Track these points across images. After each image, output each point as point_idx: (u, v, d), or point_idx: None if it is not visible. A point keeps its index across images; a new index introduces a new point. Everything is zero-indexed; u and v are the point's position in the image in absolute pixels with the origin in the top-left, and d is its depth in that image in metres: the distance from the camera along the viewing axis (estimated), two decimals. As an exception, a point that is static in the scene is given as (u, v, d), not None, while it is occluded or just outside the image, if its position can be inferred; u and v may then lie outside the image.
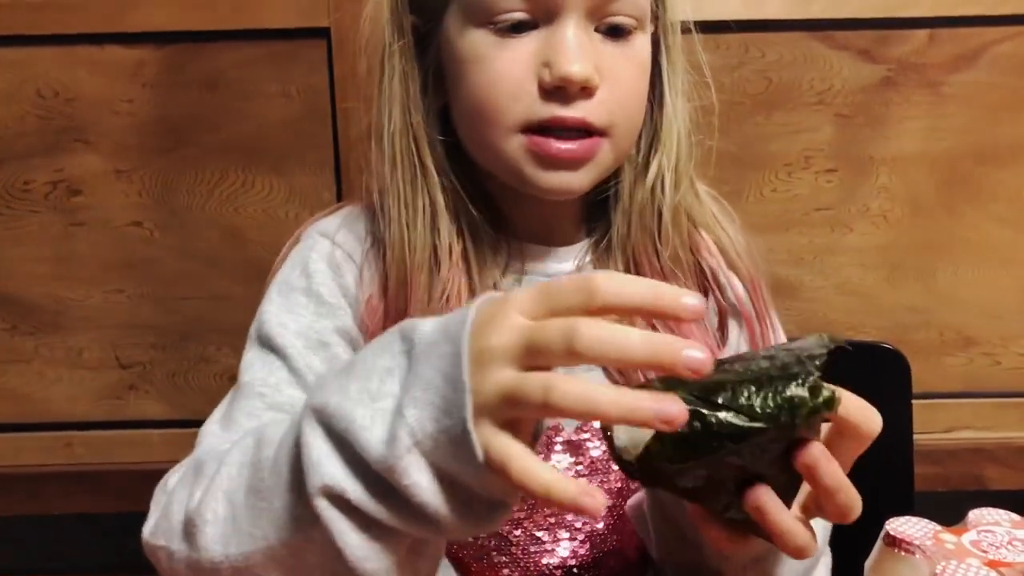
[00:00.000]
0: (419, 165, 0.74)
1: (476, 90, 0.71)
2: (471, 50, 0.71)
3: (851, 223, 1.37)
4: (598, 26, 0.70)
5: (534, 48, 0.69)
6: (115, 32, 1.28)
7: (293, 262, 0.80)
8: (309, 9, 1.27)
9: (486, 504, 0.49)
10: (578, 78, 0.68)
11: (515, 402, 0.46)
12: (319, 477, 0.51)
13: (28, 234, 1.35)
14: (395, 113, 0.74)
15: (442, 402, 0.48)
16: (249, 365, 0.74)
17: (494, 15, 0.69)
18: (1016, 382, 1.42)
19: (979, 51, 1.32)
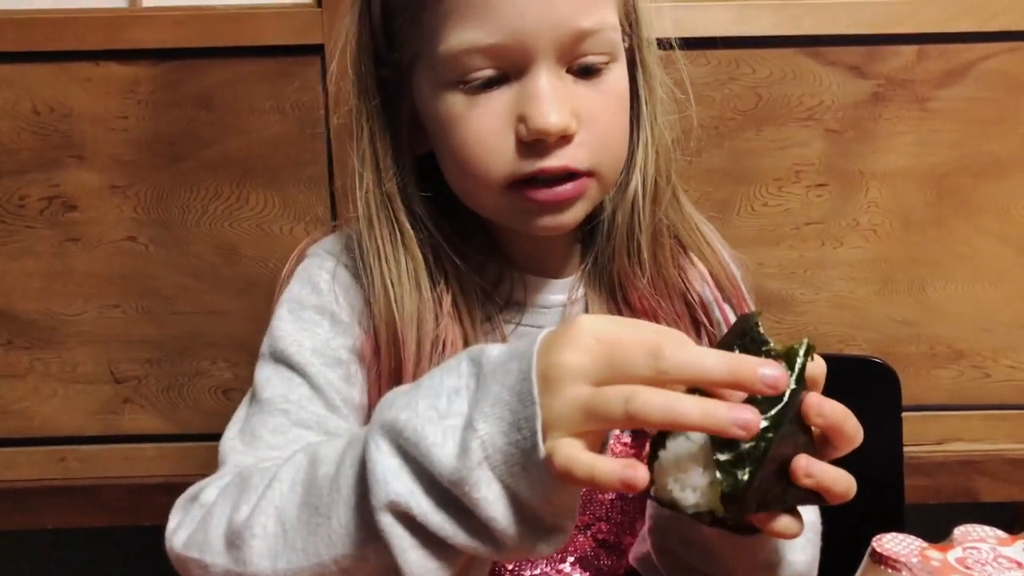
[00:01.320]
0: (396, 223, 0.74)
1: (456, 151, 0.70)
2: (445, 112, 0.70)
3: (842, 237, 1.38)
4: (570, 67, 0.69)
5: (508, 102, 0.68)
6: (111, 49, 1.28)
7: (301, 279, 0.79)
8: (303, 26, 1.28)
9: (547, 526, 0.52)
10: (555, 130, 0.66)
11: (594, 414, 0.48)
12: (386, 493, 0.52)
13: (23, 249, 1.36)
14: (367, 176, 0.74)
15: (511, 416, 0.50)
16: (267, 382, 0.73)
17: (463, 75, 0.68)
18: (1006, 394, 1.43)
19: (967, 67, 1.33)
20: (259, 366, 0.76)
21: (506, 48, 0.66)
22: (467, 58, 0.67)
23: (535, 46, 0.66)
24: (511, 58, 0.67)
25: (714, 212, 1.35)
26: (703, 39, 1.29)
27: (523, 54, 0.66)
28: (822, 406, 0.53)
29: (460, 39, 0.66)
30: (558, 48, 0.67)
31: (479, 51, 0.66)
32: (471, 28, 0.66)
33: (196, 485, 0.67)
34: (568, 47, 0.67)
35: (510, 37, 0.66)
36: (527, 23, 0.65)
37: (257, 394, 0.74)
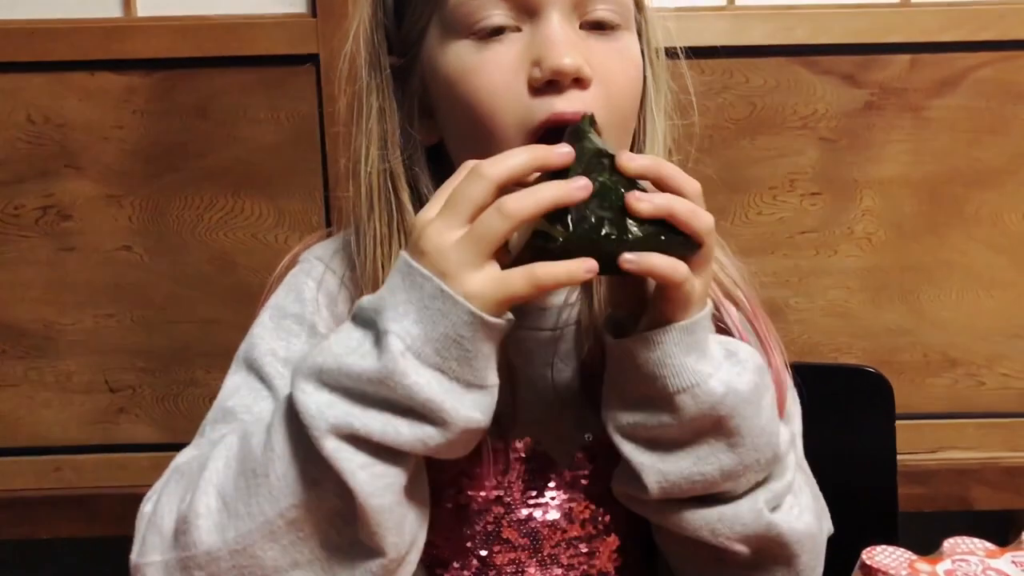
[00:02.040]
0: (396, 204, 0.72)
1: (467, 101, 0.68)
2: (456, 63, 0.69)
3: (836, 245, 1.39)
4: (582, 23, 0.68)
5: (520, 49, 0.67)
6: (106, 59, 1.29)
7: (288, 286, 0.78)
8: (298, 36, 1.28)
9: (476, 381, 0.58)
10: (570, 69, 0.65)
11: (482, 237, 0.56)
12: (324, 420, 0.57)
13: (18, 259, 1.36)
14: (372, 152, 0.72)
15: (417, 301, 0.57)
16: (235, 389, 0.73)
17: (474, 22, 0.67)
18: (1000, 403, 1.43)
19: (960, 76, 1.34)
20: (232, 370, 0.75)
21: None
22: (479, 4, 0.67)
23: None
24: (523, 4, 0.67)
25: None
26: (697, 48, 1.27)
27: (536, 1, 0.67)
28: (632, 159, 0.60)
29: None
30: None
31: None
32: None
33: (144, 499, 0.67)
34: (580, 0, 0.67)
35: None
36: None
37: (222, 400, 0.73)
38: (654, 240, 0.59)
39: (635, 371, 0.63)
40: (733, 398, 0.63)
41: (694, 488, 0.65)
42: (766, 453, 0.66)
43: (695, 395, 0.62)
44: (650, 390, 0.63)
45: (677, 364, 0.62)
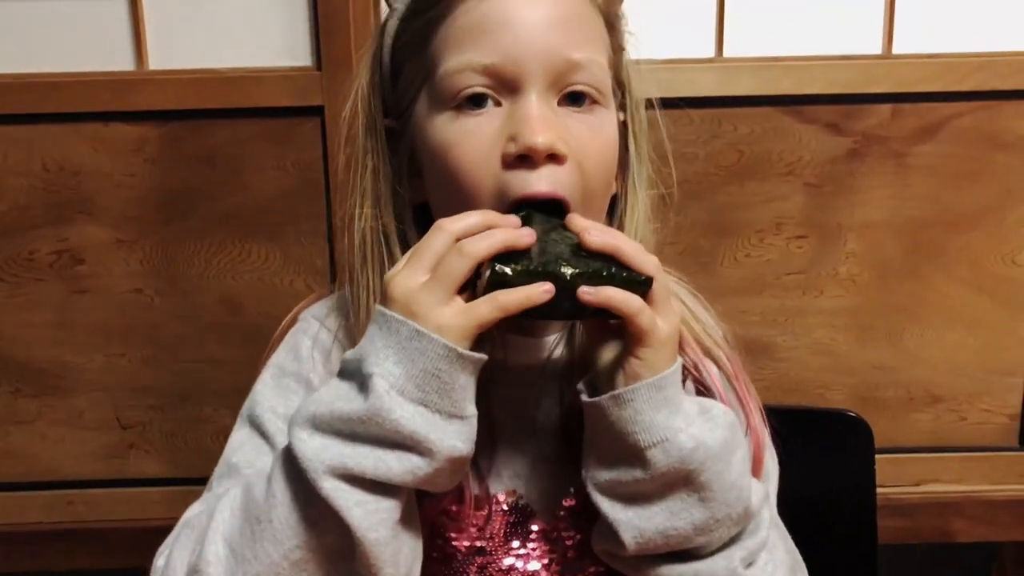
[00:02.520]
0: (387, 258, 0.77)
1: (448, 173, 0.73)
2: (439, 134, 0.73)
3: (821, 286, 1.44)
4: (560, 98, 0.72)
5: (499, 124, 0.71)
6: (120, 111, 1.34)
7: (287, 345, 0.83)
8: (304, 89, 1.33)
9: (456, 412, 0.64)
10: (542, 146, 0.69)
11: (447, 276, 0.64)
12: (320, 462, 0.63)
13: (33, 301, 1.41)
14: (366, 209, 0.78)
15: (395, 344, 0.63)
16: (239, 445, 0.78)
17: (457, 92, 0.72)
18: (981, 437, 1.48)
19: (940, 124, 1.39)
20: (236, 427, 0.81)
21: (500, 69, 0.71)
22: (463, 76, 0.71)
23: (527, 70, 0.71)
24: (503, 78, 0.71)
25: (699, 262, 1.42)
26: (687, 99, 1.34)
27: (516, 77, 0.71)
28: (592, 237, 0.67)
29: (458, 60, 0.72)
30: (549, 74, 0.71)
31: (474, 70, 0.71)
32: (469, 50, 0.71)
33: (156, 555, 0.72)
34: (559, 75, 0.72)
35: (505, 58, 0.71)
36: (521, 48, 0.71)
37: (227, 456, 0.79)
38: (607, 275, 0.67)
39: (608, 429, 0.68)
40: (703, 452, 0.67)
41: (669, 543, 0.69)
42: (737, 508, 0.69)
43: (665, 449, 0.66)
44: (623, 446, 0.67)
45: (647, 420, 0.66)
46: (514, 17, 0.71)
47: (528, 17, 0.71)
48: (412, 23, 0.76)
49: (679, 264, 1.37)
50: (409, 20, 0.76)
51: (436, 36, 0.73)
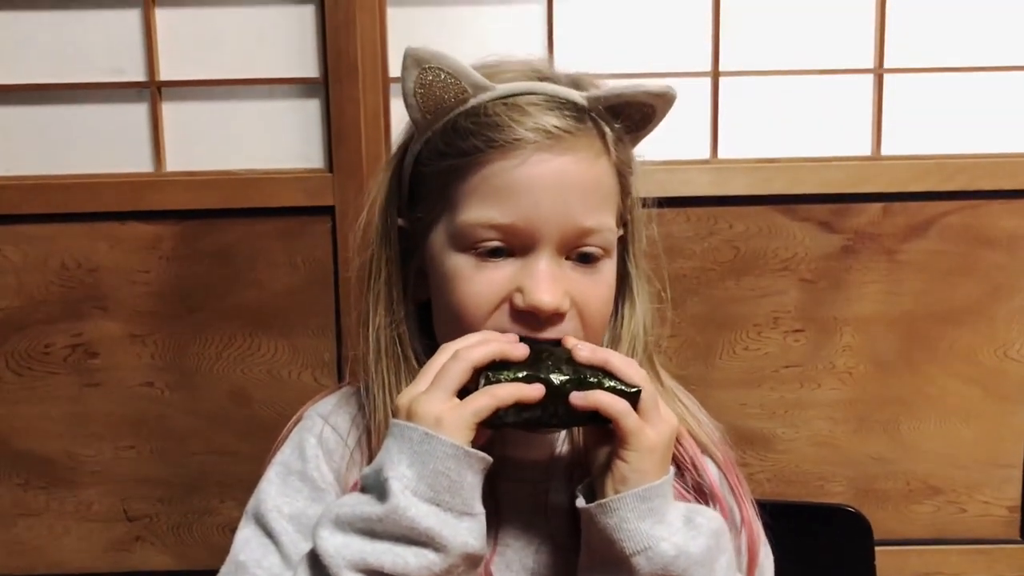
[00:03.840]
0: (402, 358, 0.82)
1: (455, 306, 0.77)
2: (452, 270, 0.78)
3: (819, 379, 1.47)
4: (569, 255, 0.77)
5: (509, 273, 0.76)
6: (136, 210, 1.39)
7: (292, 443, 0.86)
8: (316, 190, 1.39)
9: (466, 510, 0.68)
10: (548, 308, 0.74)
11: (447, 379, 0.70)
12: (342, 558, 0.67)
13: (46, 394, 1.44)
14: (380, 310, 0.82)
15: (408, 449, 0.68)
16: (245, 543, 0.80)
17: (475, 243, 0.76)
18: (981, 529, 1.49)
19: (929, 222, 1.44)
20: (242, 524, 0.83)
21: (517, 229, 0.75)
22: (482, 230, 0.76)
23: (542, 233, 0.75)
24: (520, 238, 0.76)
25: (698, 356, 1.45)
26: (684, 198, 1.40)
27: (530, 237, 0.75)
28: (582, 351, 0.73)
29: (479, 214, 0.76)
30: (561, 238, 0.76)
31: (493, 227, 0.75)
32: (491, 207, 0.75)
33: None
34: (570, 239, 0.76)
35: (523, 220, 0.75)
36: (539, 213, 0.75)
37: (235, 554, 0.81)
38: (596, 383, 0.72)
39: (598, 534, 0.72)
40: (685, 560, 0.71)
41: None
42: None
43: (649, 557, 0.70)
44: (611, 552, 0.71)
45: (632, 529, 0.71)
46: (535, 184, 0.75)
47: (549, 185, 0.75)
48: (438, 160, 0.79)
49: (679, 357, 1.43)
50: (435, 156, 0.79)
51: (461, 181, 0.77)
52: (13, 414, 1.44)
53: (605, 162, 0.79)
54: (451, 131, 0.78)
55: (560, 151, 0.75)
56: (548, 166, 0.75)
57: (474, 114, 0.77)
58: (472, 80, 0.77)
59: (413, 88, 0.77)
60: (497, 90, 0.77)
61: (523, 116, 0.75)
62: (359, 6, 1.36)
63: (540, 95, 0.77)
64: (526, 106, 0.76)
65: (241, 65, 1.40)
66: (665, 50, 1.43)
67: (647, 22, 1.42)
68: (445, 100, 0.77)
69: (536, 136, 0.75)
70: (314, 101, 1.41)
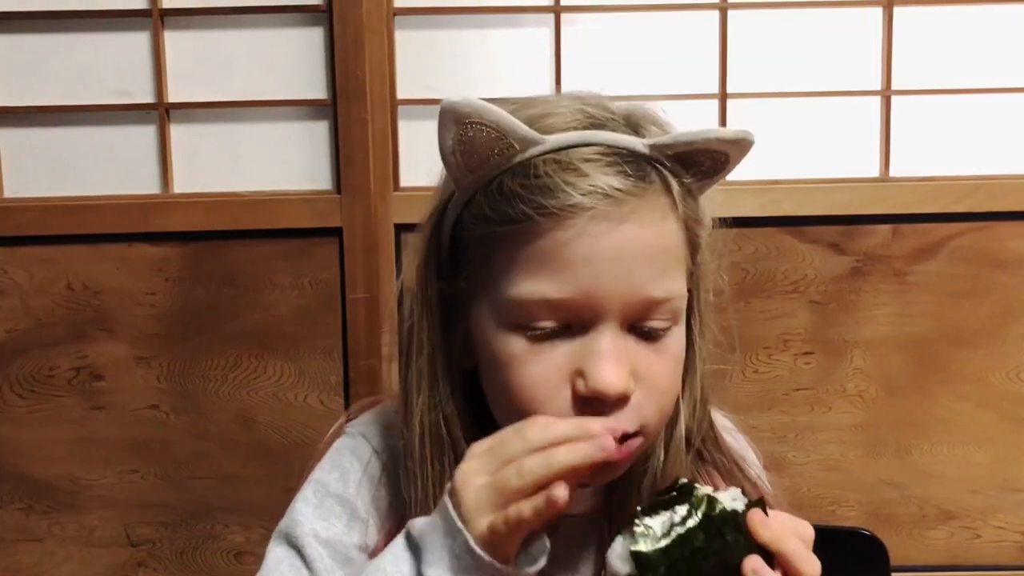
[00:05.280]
0: (449, 443, 0.74)
1: (512, 392, 0.69)
2: (505, 352, 0.69)
3: (830, 402, 1.45)
4: (632, 327, 0.68)
5: (568, 354, 0.67)
6: (143, 232, 1.39)
7: (332, 461, 0.80)
8: (323, 211, 1.38)
9: None
10: (615, 392, 0.65)
11: (502, 490, 0.61)
12: None
13: (50, 417, 1.42)
14: (423, 392, 0.74)
15: (449, 552, 0.63)
16: (277, 564, 0.76)
17: (528, 322, 0.67)
18: (997, 555, 1.47)
19: (939, 244, 1.43)
20: (274, 542, 0.78)
21: (576, 304, 0.66)
22: (535, 307, 0.67)
23: (604, 308, 0.66)
24: (578, 314, 0.67)
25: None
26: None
27: (591, 312, 0.66)
28: (765, 520, 0.61)
29: (531, 288, 0.67)
30: (625, 312, 0.67)
31: (548, 303, 0.66)
32: (544, 280, 0.66)
33: None
34: (636, 312, 0.67)
35: (582, 295, 0.66)
36: (600, 287, 0.66)
37: (265, 572, 0.76)
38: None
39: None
40: None
41: None
42: None
43: None
44: None
45: None
46: (595, 255, 0.65)
47: (610, 256, 0.66)
48: (482, 225, 0.70)
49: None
50: (479, 220, 0.70)
51: (508, 250, 0.68)
52: (17, 437, 1.43)
53: (672, 221, 0.69)
54: (496, 194, 0.68)
55: (621, 217, 0.66)
56: (609, 236, 0.65)
57: (523, 174, 0.67)
58: (519, 134, 0.67)
59: (452, 146, 0.67)
60: (547, 143, 0.67)
61: (578, 177, 0.66)
62: (367, 28, 1.36)
63: (595, 146, 0.68)
64: (580, 164, 0.66)
65: (249, 87, 1.41)
66: (673, 72, 1.43)
67: (655, 44, 1.43)
68: (489, 157, 0.68)
69: (593, 201, 0.65)
70: (322, 123, 1.41)
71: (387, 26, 1.38)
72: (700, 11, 1.42)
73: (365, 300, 1.39)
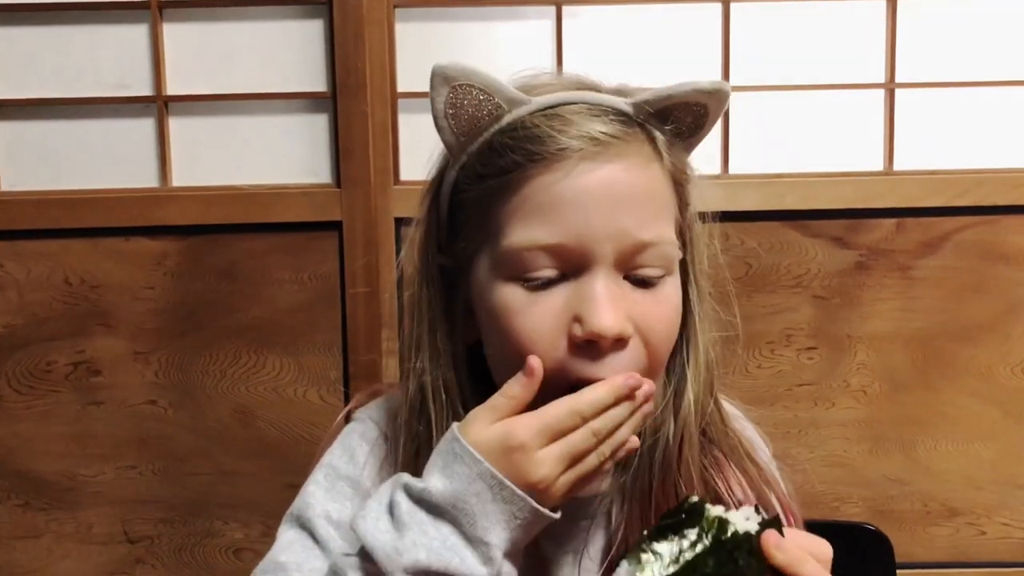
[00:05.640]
0: (448, 407, 0.75)
1: (509, 343, 0.70)
2: (501, 303, 0.70)
3: (833, 398, 1.44)
4: (627, 275, 0.69)
5: (563, 300, 0.69)
6: (141, 226, 1.38)
7: (342, 446, 0.81)
8: (323, 205, 1.37)
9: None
10: (610, 333, 0.67)
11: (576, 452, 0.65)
12: None
13: (47, 412, 1.41)
14: (423, 361, 0.75)
15: (505, 515, 0.65)
16: (288, 545, 0.76)
17: (523, 272, 0.69)
18: (1002, 552, 1.46)
19: (943, 238, 1.42)
20: (285, 524, 0.78)
21: (568, 249, 0.68)
22: (529, 254, 0.68)
23: (596, 251, 0.68)
24: (571, 259, 0.68)
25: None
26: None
27: (583, 256, 0.68)
28: (780, 542, 0.61)
29: (524, 236, 0.69)
30: (618, 255, 0.68)
31: (542, 248, 0.68)
32: (536, 227, 0.68)
33: None
34: (627, 256, 0.69)
35: (573, 239, 0.68)
36: (591, 228, 0.68)
37: (275, 554, 0.76)
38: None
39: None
40: None
41: None
42: None
43: None
44: None
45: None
46: (584, 196, 0.68)
47: (598, 197, 0.68)
48: (477, 184, 0.72)
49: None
50: (473, 180, 0.72)
51: (502, 203, 0.70)
52: (13, 433, 1.42)
53: (658, 168, 0.71)
54: (487, 151, 0.71)
55: (607, 158, 0.68)
56: (596, 175, 0.68)
57: (511, 129, 0.70)
58: (507, 95, 0.70)
59: (443, 109, 0.70)
60: (535, 103, 0.70)
61: (565, 125, 0.69)
62: (368, 21, 1.35)
63: (581, 104, 0.70)
64: (567, 115, 0.69)
65: (249, 80, 1.40)
66: (675, 65, 1.42)
67: (657, 37, 1.42)
68: (479, 119, 0.70)
69: (580, 144, 0.68)
70: (322, 116, 1.40)
71: (387, 18, 1.37)
72: (702, 3, 1.41)
73: (365, 295, 1.38)
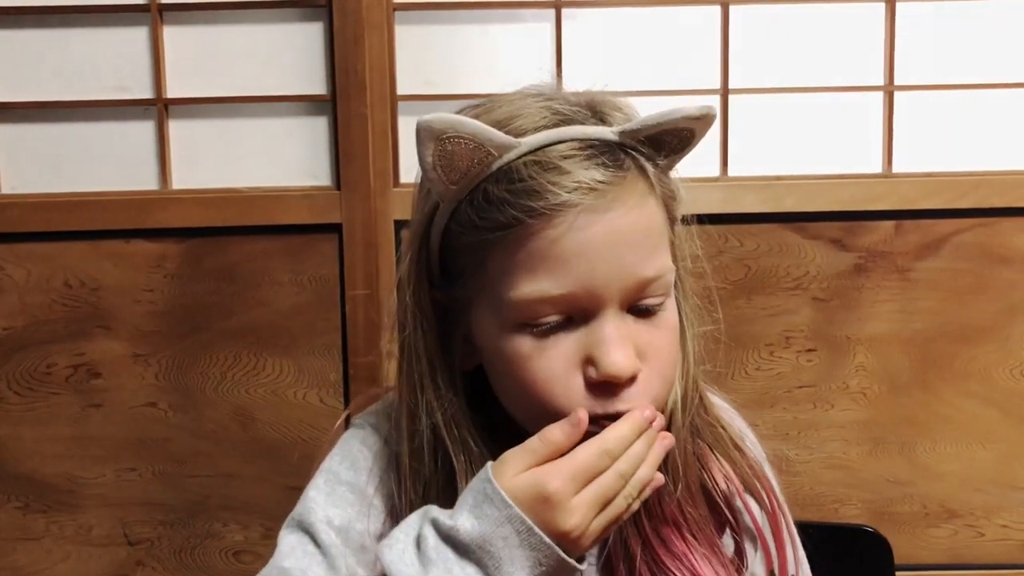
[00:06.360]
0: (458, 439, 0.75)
1: (525, 389, 0.71)
2: (512, 352, 0.71)
3: (832, 400, 1.44)
4: (630, 308, 0.71)
5: (573, 343, 0.70)
6: (141, 228, 1.38)
7: (343, 451, 0.81)
8: (323, 207, 1.37)
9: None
10: (625, 375, 0.69)
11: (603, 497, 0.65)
12: None
13: (47, 415, 1.41)
14: (426, 400, 0.75)
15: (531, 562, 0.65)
16: (291, 550, 0.76)
17: (532, 320, 0.70)
18: (1001, 554, 1.46)
19: (942, 240, 1.42)
20: (286, 528, 0.79)
21: (576, 297, 0.69)
22: (537, 306, 0.69)
23: (603, 295, 0.69)
24: (579, 305, 0.70)
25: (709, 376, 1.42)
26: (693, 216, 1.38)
27: (592, 302, 0.69)
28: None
29: (532, 288, 0.69)
30: (623, 295, 0.70)
31: (550, 299, 0.69)
32: (543, 279, 0.69)
33: None
34: (632, 294, 0.70)
35: (580, 289, 0.69)
36: (597, 276, 0.69)
37: (278, 560, 0.77)
38: None
39: None
40: None
41: None
42: None
43: None
44: None
45: None
46: (587, 248, 0.69)
47: (601, 246, 0.69)
48: (473, 234, 0.72)
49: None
50: (468, 229, 0.72)
51: (503, 256, 0.71)
52: (13, 435, 1.42)
53: (652, 202, 0.72)
54: (483, 202, 0.70)
55: (607, 205, 0.69)
56: (598, 227, 0.68)
57: (506, 179, 0.70)
58: (496, 142, 0.69)
59: (433, 162, 0.70)
60: (523, 145, 0.69)
61: (560, 176, 0.68)
62: (367, 23, 1.35)
63: (569, 142, 0.70)
64: (560, 162, 0.69)
65: (248, 82, 1.40)
66: (674, 67, 1.42)
67: (656, 39, 1.42)
68: (470, 168, 0.70)
69: (579, 197, 0.68)
70: (322, 118, 1.40)
71: (387, 21, 1.37)
72: (702, 6, 1.41)
73: (364, 297, 1.38)
